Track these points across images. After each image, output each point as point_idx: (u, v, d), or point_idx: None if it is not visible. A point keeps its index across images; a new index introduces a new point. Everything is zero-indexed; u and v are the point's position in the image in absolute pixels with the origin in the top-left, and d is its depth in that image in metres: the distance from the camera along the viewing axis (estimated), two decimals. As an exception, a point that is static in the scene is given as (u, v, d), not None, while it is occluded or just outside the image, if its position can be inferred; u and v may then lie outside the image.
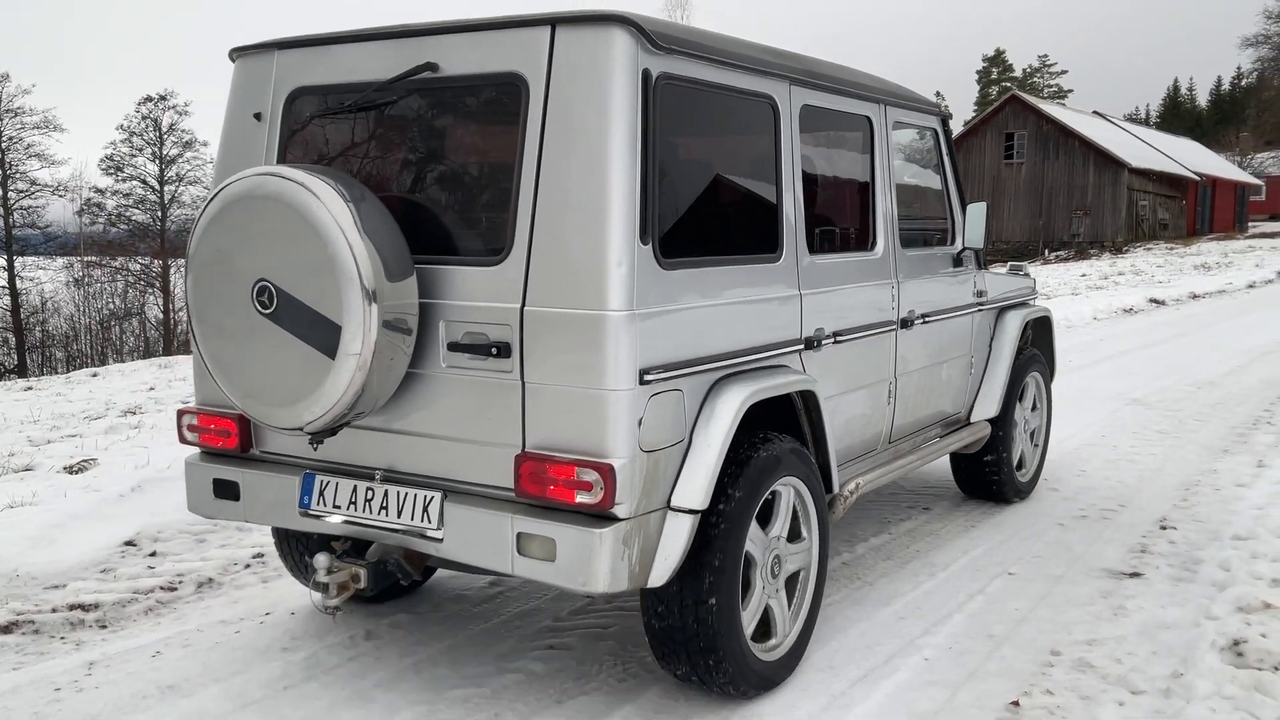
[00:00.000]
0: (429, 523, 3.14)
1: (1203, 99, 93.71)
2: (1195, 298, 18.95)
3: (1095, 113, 50.05)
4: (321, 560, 3.37)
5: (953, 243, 5.06)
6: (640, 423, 2.93)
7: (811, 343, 3.75)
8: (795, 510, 3.60)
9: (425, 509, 3.15)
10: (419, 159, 3.40)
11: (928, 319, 4.64)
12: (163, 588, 4.44)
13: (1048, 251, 41.18)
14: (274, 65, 3.51)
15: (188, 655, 3.79)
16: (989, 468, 5.51)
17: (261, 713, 3.36)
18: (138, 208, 41.11)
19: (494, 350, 3.00)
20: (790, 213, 3.67)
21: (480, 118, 3.31)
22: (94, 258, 38.43)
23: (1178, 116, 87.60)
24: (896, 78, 4.82)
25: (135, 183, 41.10)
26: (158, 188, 41.16)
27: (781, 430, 3.59)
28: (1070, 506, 5.65)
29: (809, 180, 3.83)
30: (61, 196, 38.75)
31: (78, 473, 6.11)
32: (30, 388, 12.55)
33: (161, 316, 37.72)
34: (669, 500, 3.08)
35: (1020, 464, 5.76)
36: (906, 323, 4.45)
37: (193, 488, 3.68)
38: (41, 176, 38.40)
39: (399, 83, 3.21)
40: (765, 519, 3.46)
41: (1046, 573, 4.61)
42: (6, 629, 4.01)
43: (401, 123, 3.38)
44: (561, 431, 2.94)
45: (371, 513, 3.26)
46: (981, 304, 5.27)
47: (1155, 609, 4.16)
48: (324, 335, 2.92)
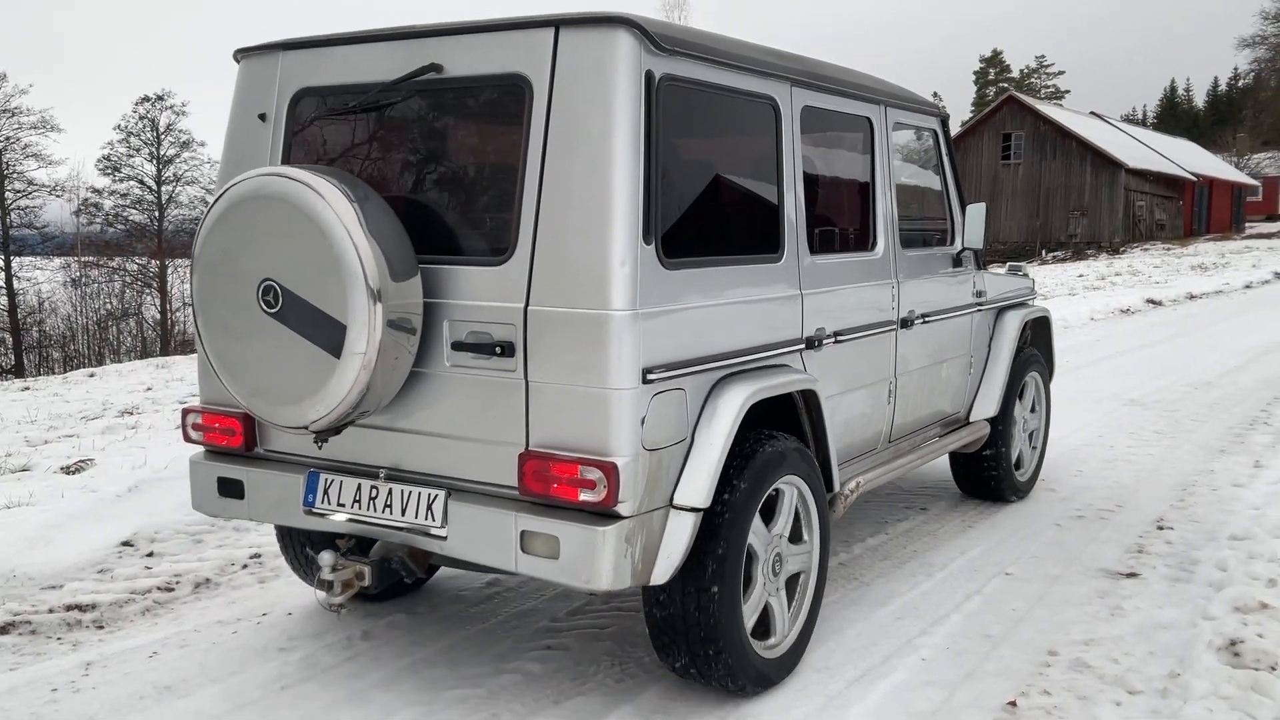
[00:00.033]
0: (433, 521, 3.16)
1: (1200, 100, 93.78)
2: (1192, 298, 18.95)
3: (1092, 113, 50.09)
4: (326, 558, 3.39)
5: (952, 243, 5.09)
6: (643, 421, 2.95)
7: (812, 342, 3.77)
8: (797, 512, 3.62)
9: (429, 507, 3.17)
10: (423, 159, 3.42)
11: (927, 319, 4.67)
12: (160, 588, 4.44)
13: (1045, 252, 41.21)
14: (279, 66, 3.52)
15: (185, 656, 3.79)
16: (988, 466, 5.53)
17: (259, 713, 3.36)
18: (135, 208, 41.02)
19: (498, 349, 3.02)
20: (791, 213, 3.69)
21: (484, 119, 3.33)
22: (91, 258, 38.36)
23: (1175, 117, 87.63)
24: (893, 78, 4.84)
25: (132, 183, 41.01)
26: (155, 188, 41.06)
27: (782, 430, 3.61)
28: (1067, 507, 5.66)
29: (810, 181, 3.85)
30: (59, 196, 38.75)
31: (75, 473, 6.10)
32: (27, 388, 12.54)
33: (159, 317, 37.68)
34: (671, 498, 3.09)
35: (1018, 463, 5.78)
36: (906, 323, 4.47)
37: (197, 486, 3.70)
38: (39, 176, 38.31)
39: (403, 84, 3.23)
40: (768, 517, 3.48)
41: (1044, 573, 4.62)
42: (3, 630, 4.01)
43: (406, 123, 3.39)
44: (565, 430, 2.96)
45: (376, 511, 3.27)
46: (981, 304, 5.30)
47: (1152, 609, 4.17)
48: (329, 334, 2.94)
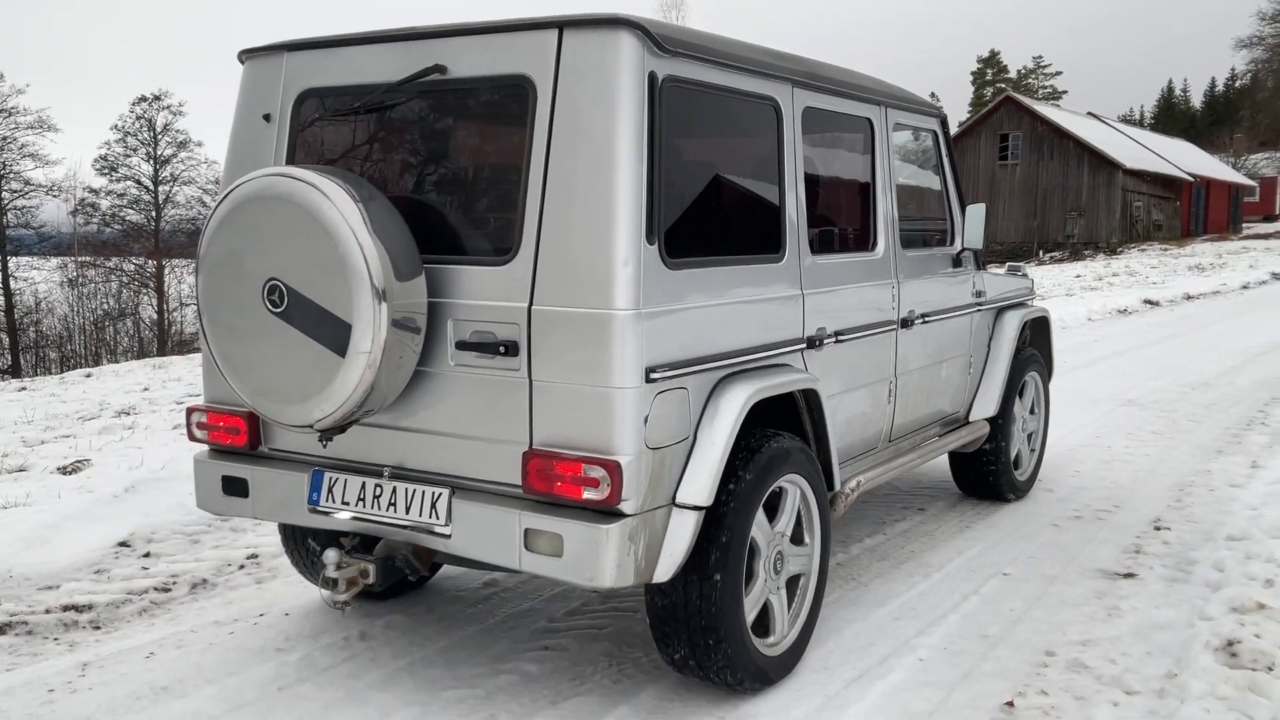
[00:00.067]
0: (437, 519, 3.18)
1: (1197, 100, 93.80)
2: (1189, 299, 18.98)
3: (1090, 114, 50.09)
4: (331, 556, 3.41)
5: (952, 243, 5.11)
6: (646, 420, 2.97)
7: (813, 342, 3.79)
8: (799, 513, 3.64)
9: (433, 505, 3.19)
10: (427, 160, 3.43)
11: (927, 319, 4.69)
12: (157, 588, 4.43)
13: (1042, 252, 41.21)
14: (283, 67, 3.54)
15: (181, 656, 3.79)
16: (987, 465, 5.55)
17: (256, 714, 3.36)
18: (132, 208, 40.97)
19: (502, 349, 3.04)
20: (793, 213, 3.70)
21: (488, 119, 3.35)
22: (88, 258, 38.28)
23: (1172, 118, 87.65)
24: (892, 78, 4.87)
25: (129, 183, 40.97)
26: (152, 188, 41.02)
27: (783, 429, 3.62)
28: (1065, 507, 5.67)
29: (811, 181, 3.86)
30: (56, 196, 38.62)
31: (71, 473, 6.10)
32: (24, 388, 12.56)
33: (156, 317, 37.65)
34: (674, 497, 3.11)
35: (1017, 462, 5.80)
36: (907, 322, 4.49)
37: (201, 485, 3.71)
38: (36, 176, 38.21)
39: (408, 84, 3.24)
40: (771, 515, 3.50)
41: (1041, 573, 4.63)
42: (0, 630, 4.01)
43: (410, 124, 3.41)
44: (568, 429, 2.97)
45: (380, 509, 3.29)
46: (980, 304, 5.32)
47: (1150, 609, 4.18)
48: (334, 334, 2.95)
